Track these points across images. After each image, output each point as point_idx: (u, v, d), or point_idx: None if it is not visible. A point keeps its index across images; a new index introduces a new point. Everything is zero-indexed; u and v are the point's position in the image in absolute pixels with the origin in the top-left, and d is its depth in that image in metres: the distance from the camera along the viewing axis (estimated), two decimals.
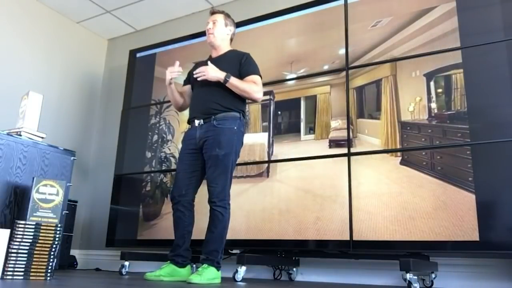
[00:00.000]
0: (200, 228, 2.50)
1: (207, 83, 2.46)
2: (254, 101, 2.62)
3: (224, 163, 2.38)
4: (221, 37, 2.61)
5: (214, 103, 2.45)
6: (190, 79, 2.68)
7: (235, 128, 2.43)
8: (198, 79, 2.46)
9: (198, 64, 2.65)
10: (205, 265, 2.30)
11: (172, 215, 2.50)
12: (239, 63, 2.51)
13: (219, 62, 2.54)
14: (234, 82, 2.42)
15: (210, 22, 2.62)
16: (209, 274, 2.27)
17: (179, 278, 2.41)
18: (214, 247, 2.34)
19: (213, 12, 2.66)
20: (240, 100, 2.50)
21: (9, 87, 3.66)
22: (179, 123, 3.58)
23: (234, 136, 2.43)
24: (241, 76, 2.49)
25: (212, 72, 2.42)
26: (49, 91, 3.96)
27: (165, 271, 2.40)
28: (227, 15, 2.67)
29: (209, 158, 2.41)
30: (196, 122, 2.49)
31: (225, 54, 2.61)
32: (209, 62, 2.48)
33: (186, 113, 2.69)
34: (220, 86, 2.45)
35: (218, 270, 2.33)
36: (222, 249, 2.38)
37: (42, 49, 4.08)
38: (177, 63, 2.57)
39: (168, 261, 2.44)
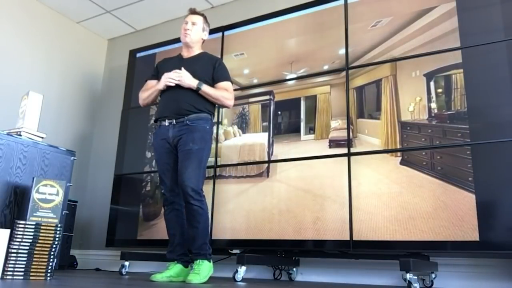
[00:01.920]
0: None
1: (179, 87, 2.50)
2: (225, 107, 2.70)
3: (197, 157, 2.42)
4: (196, 39, 2.65)
5: (187, 104, 2.49)
6: (158, 74, 2.66)
7: (208, 127, 2.51)
8: (173, 83, 2.48)
9: (167, 60, 2.71)
10: (199, 261, 2.34)
11: (166, 215, 2.53)
12: (212, 67, 2.57)
13: (192, 63, 2.59)
14: (206, 90, 2.50)
15: (189, 22, 2.64)
16: (205, 270, 2.31)
17: (184, 278, 2.41)
18: (202, 240, 2.38)
19: (194, 12, 2.69)
20: (212, 103, 2.57)
21: (9, 87, 3.66)
22: None
23: (207, 135, 2.50)
24: (213, 81, 2.56)
25: (187, 80, 2.48)
26: (49, 91, 3.96)
27: (175, 272, 2.41)
28: (206, 19, 2.72)
29: (182, 153, 2.44)
30: (167, 121, 2.51)
31: (198, 55, 2.66)
32: (183, 69, 2.51)
33: None
34: (192, 89, 2.50)
35: (209, 262, 2.38)
36: (208, 240, 2.43)
37: (42, 49, 4.08)
38: (176, 73, 2.53)
39: (175, 261, 2.45)
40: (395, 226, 2.48)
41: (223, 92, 2.54)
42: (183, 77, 2.48)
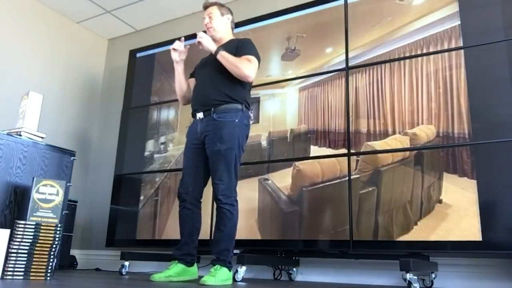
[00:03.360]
0: (203, 228, 2.50)
1: (208, 76, 2.44)
2: (245, 79, 2.40)
3: (226, 158, 2.32)
4: (221, 28, 2.57)
5: (215, 93, 2.39)
6: (194, 73, 2.65)
7: (237, 121, 2.36)
8: (196, 42, 2.42)
9: (202, 60, 2.64)
10: (217, 266, 2.25)
11: (179, 213, 2.45)
12: (235, 48, 2.46)
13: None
14: (225, 54, 2.37)
15: (206, 17, 2.58)
16: (222, 275, 2.21)
17: (188, 277, 2.38)
18: (225, 246, 2.29)
19: (206, 7, 2.62)
20: (243, 89, 2.43)
21: (9, 87, 3.66)
22: (179, 122, 3.58)
23: (236, 130, 2.36)
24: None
25: (206, 41, 2.40)
26: (49, 91, 3.96)
27: (175, 271, 2.34)
28: (221, 5, 2.63)
29: (211, 153, 2.36)
30: (198, 115, 2.45)
31: (226, 43, 2.56)
32: (201, 32, 2.46)
33: (186, 112, 2.68)
34: (220, 76, 2.40)
35: (230, 271, 2.29)
36: (232, 248, 2.33)
37: (42, 49, 4.08)
38: (182, 38, 2.52)
39: (176, 261, 2.39)
40: (395, 226, 2.49)
41: (243, 60, 2.36)
42: (203, 38, 2.40)
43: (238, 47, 2.44)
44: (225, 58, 2.36)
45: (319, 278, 2.88)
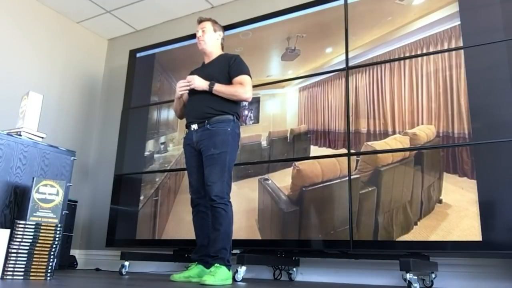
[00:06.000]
0: None
1: (201, 90, 2.53)
2: (245, 101, 2.62)
3: (220, 162, 2.41)
4: (212, 43, 2.67)
5: (207, 107, 2.50)
6: None
7: (229, 129, 2.48)
8: (183, 90, 2.57)
9: (193, 71, 2.74)
10: (217, 265, 2.28)
11: (193, 217, 2.55)
12: (228, 65, 2.56)
13: (209, 67, 2.63)
14: (219, 89, 2.48)
15: (199, 30, 2.68)
16: (221, 274, 2.24)
17: None
18: (222, 244, 2.32)
19: (200, 21, 2.73)
20: (233, 102, 2.54)
21: (9, 87, 3.66)
22: (179, 122, 3.58)
23: (229, 137, 2.46)
24: (230, 78, 2.54)
25: (198, 82, 2.51)
26: (49, 91, 3.96)
27: (194, 272, 2.41)
28: (215, 21, 2.74)
29: (206, 158, 2.45)
30: (192, 127, 2.55)
31: (216, 58, 2.67)
32: (195, 76, 2.55)
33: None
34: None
35: (229, 270, 2.31)
36: (230, 247, 2.37)
37: (42, 49, 4.08)
38: (188, 78, 2.62)
39: (195, 262, 2.46)
40: (395, 226, 2.49)
41: (237, 87, 2.49)
42: (193, 81, 2.51)
43: (230, 65, 2.55)
44: (220, 91, 2.49)
45: (319, 278, 2.88)
